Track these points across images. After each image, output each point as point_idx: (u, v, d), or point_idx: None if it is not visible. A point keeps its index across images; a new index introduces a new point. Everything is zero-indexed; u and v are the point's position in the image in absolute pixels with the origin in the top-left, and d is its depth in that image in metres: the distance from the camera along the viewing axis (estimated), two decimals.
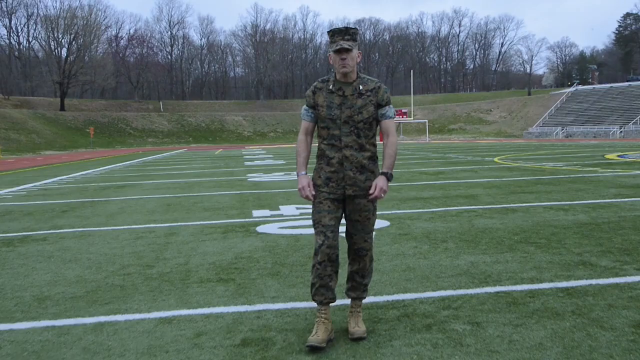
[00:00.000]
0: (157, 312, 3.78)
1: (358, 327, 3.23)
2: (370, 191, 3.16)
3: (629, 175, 12.77)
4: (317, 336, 3.07)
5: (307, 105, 3.32)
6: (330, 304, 3.26)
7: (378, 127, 3.32)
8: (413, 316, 3.53)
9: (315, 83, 3.33)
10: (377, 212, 3.41)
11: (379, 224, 6.76)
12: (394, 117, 3.28)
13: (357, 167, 3.20)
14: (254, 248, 5.79)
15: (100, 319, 3.67)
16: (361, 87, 3.21)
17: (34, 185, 14.79)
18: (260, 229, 6.93)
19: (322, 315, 3.17)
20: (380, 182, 3.16)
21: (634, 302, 3.66)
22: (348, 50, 3.14)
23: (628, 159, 18.72)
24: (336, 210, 3.23)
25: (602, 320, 3.35)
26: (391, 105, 3.29)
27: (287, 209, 8.60)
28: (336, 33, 3.17)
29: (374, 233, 3.22)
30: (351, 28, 3.19)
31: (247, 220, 7.73)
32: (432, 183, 12.25)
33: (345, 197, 3.24)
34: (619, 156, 20.69)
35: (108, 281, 4.66)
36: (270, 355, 2.99)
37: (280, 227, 6.95)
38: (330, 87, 3.24)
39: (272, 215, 8.04)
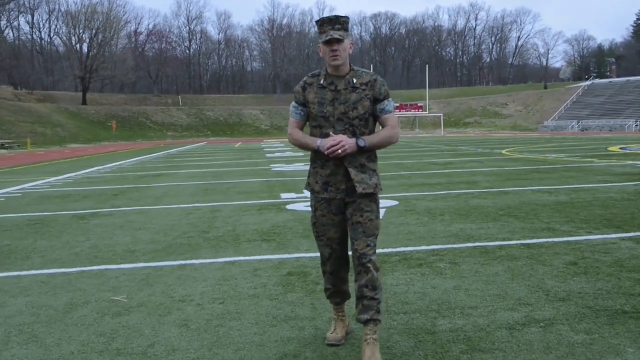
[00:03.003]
0: (221, 258, 5.13)
1: (375, 358, 2.80)
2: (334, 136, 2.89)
3: (621, 165, 13.93)
4: (336, 334, 3.12)
5: (296, 102, 3.07)
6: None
7: (376, 124, 3.05)
8: (409, 259, 4.84)
9: (304, 78, 3.06)
10: (389, 195, 3.85)
11: (389, 203, 8.04)
12: (393, 111, 3.00)
13: (355, 166, 2.93)
14: (286, 220, 7.12)
15: (181, 262, 5.04)
16: (354, 80, 2.93)
17: (76, 175, 16.28)
18: (289, 207, 8.26)
19: (339, 313, 3.21)
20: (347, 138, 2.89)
21: (574, 251, 4.93)
22: (339, 41, 2.86)
23: (628, 151, 19.78)
24: (340, 222, 3.02)
25: (545, 261, 4.63)
26: (390, 99, 3.00)
27: None
28: (325, 22, 2.88)
29: (377, 239, 3.01)
30: (341, 16, 2.90)
31: (277, 200, 9.07)
32: (440, 172, 13.51)
33: (345, 201, 2.98)
34: (620, 148, 21.74)
35: (176, 241, 6.02)
36: (309, 280, 4.33)
37: (307, 206, 8.26)
38: (321, 81, 2.97)
39: (298, 197, 9.37)
